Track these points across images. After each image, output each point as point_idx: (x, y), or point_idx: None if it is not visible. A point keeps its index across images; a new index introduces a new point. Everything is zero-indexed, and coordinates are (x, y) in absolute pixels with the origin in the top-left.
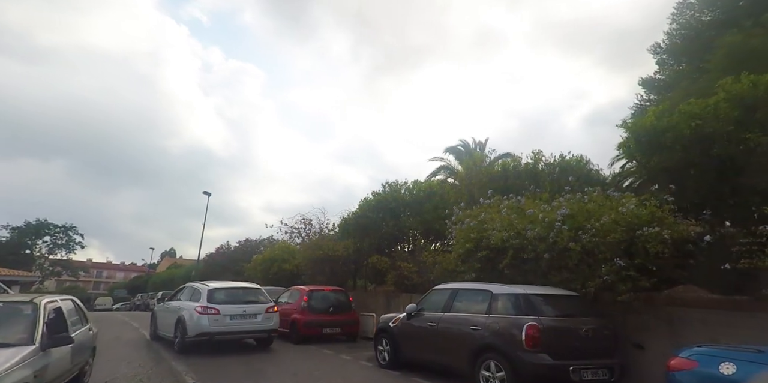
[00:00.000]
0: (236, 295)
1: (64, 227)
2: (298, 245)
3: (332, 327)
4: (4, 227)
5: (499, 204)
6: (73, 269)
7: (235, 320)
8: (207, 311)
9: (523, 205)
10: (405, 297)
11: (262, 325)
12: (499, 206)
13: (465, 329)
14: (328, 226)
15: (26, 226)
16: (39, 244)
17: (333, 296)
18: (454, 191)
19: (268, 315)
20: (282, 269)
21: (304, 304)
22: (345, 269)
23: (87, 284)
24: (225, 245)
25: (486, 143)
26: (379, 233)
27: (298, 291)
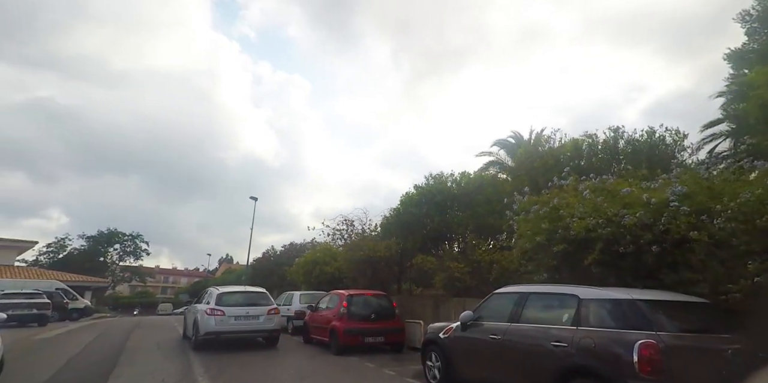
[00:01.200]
0: (241, 298)
1: (131, 235)
2: (340, 247)
3: (375, 336)
4: (80, 236)
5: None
6: (141, 275)
7: (239, 321)
8: (214, 312)
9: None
10: (456, 302)
11: (263, 326)
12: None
13: (543, 344)
14: (370, 227)
15: (99, 235)
16: (110, 252)
17: (375, 301)
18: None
19: (270, 316)
20: (323, 272)
21: (344, 310)
22: (388, 271)
23: (156, 289)
24: (271, 249)
25: (542, 134)
26: (424, 230)
27: (336, 295)
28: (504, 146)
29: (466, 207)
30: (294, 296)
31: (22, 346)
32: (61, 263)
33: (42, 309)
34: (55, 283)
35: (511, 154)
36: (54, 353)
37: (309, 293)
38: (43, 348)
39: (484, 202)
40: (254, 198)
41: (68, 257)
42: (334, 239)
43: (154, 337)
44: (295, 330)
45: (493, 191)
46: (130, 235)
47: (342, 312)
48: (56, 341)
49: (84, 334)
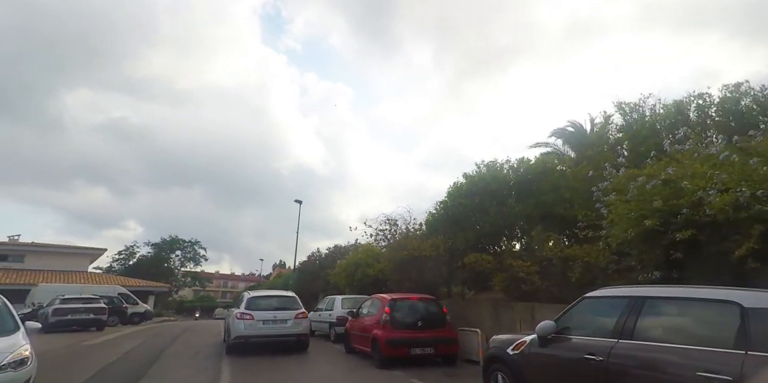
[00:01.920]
0: (270, 302)
1: (190, 242)
2: (383, 248)
3: (423, 347)
4: (146, 244)
5: (696, 152)
6: (200, 280)
7: (267, 325)
8: (243, 316)
9: (761, 143)
10: (521, 307)
11: (291, 330)
12: (707, 154)
13: (683, 374)
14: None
15: (163, 242)
16: (173, 258)
17: (422, 306)
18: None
19: (297, 320)
20: (366, 274)
21: (386, 317)
22: (435, 272)
23: (216, 293)
24: (316, 252)
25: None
26: (477, 225)
27: (378, 300)
28: (562, 135)
29: (528, 196)
30: (336, 300)
31: (66, 353)
32: (131, 269)
33: (98, 314)
34: (117, 288)
35: (569, 143)
36: (91, 361)
37: (351, 297)
38: (84, 355)
39: (550, 189)
40: (299, 201)
41: (137, 264)
42: (377, 240)
43: (197, 342)
44: (338, 337)
45: (560, 176)
46: (190, 242)
47: (384, 319)
48: (101, 347)
49: (132, 340)
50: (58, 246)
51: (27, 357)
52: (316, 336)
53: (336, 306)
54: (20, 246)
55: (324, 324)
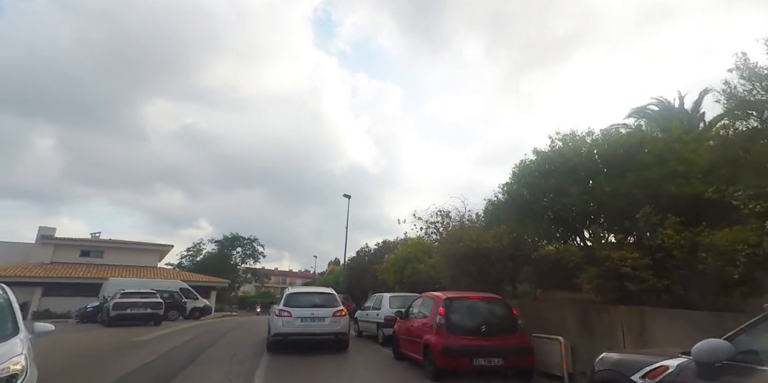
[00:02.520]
0: (308, 299)
1: (249, 239)
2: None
3: (489, 357)
4: (211, 241)
5: None
6: (260, 276)
7: (305, 322)
8: (282, 313)
9: None
10: (624, 312)
11: (328, 328)
12: None
13: None
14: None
15: (224, 239)
16: (233, 255)
17: (486, 307)
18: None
19: (335, 318)
20: (416, 270)
21: (440, 320)
22: (499, 267)
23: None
24: (365, 248)
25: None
26: (551, 209)
27: (430, 299)
28: (644, 115)
29: (623, 172)
30: (383, 299)
31: (108, 350)
32: (198, 265)
33: (155, 309)
34: (179, 283)
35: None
36: (127, 360)
37: (401, 295)
38: (124, 353)
39: (654, 163)
40: (347, 196)
41: (203, 260)
42: (427, 234)
43: (241, 341)
44: (387, 340)
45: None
46: (248, 239)
47: (438, 322)
48: (146, 345)
49: (180, 336)
50: (131, 243)
51: (18, 371)
52: (365, 337)
53: (384, 304)
54: (100, 243)
55: (372, 325)
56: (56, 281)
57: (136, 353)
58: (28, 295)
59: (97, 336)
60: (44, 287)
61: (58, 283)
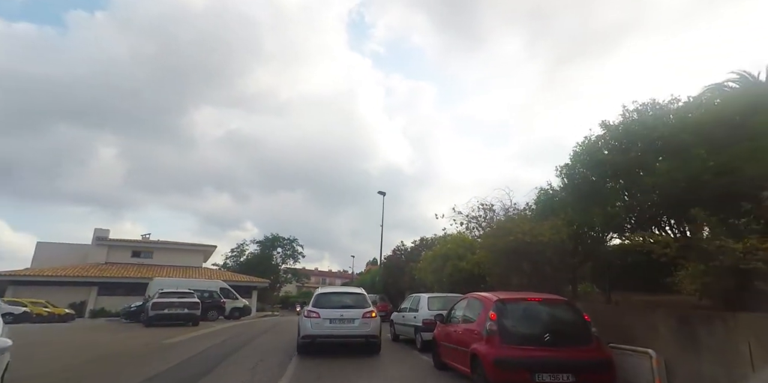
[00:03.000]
0: (337, 300)
1: (288, 239)
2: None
3: (555, 373)
4: (253, 241)
5: None
6: (300, 276)
7: (334, 324)
8: (310, 314)
9: None
10: (753, 322)
11: (358, 330)
12: None
13: None
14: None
15: (265, 240)
16: (275, 255)
17: (548, 311)
18: None
19: (365, 320)
20: (457, 268)
21: (491, 326)
22: (557, 264)
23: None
24: (401, 246)
25: None
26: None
27: (478, 301)
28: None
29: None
30: (421, 300)
31: (135, 353)
32: (242, 266)
33: (192, 309)
34: (219, 283)
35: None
36: (146, 365)
37: (441, 296)
38: (148, 357)
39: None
40: (382, 193)
41: (246, 261)
42: (469, 229)
43: (271, 344)
44: (426, 345)
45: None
46: (288, 239)
47: (489, 328)
48: (173, 348)
49: (212, 338)
50: (177, 243)
51: None
52: (401, 341)
53: (422, 306)
54: (150, 244)
55: (409, 328)
56: (110, 280)
57: (157, 358)
58: (86, 294)
59: (130, 338)
60: (99, 286)
61: (112, 282)
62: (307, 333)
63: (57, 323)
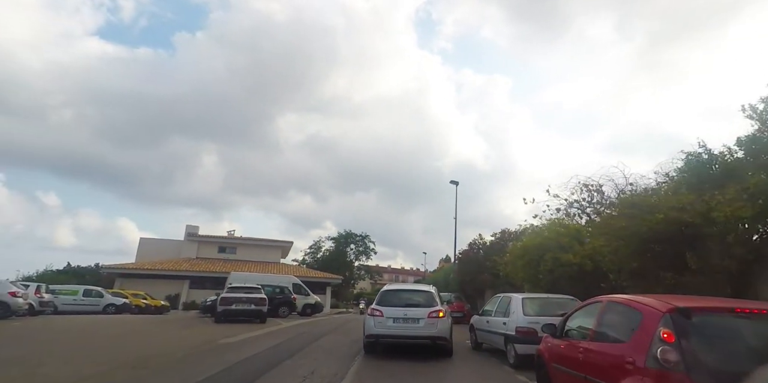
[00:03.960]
0: (401, 297)
1: (361, 236)
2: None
3: None
4: (328, 238)
5: None
6: (372, 273)
7: (397, 323)
8: (373, 313)
9: None
10: None
11: (423, 331)
12: None
13: None
14: (635, 188)
15: (339, 237)
16: (348, 251)
17: None
18: None
19: (431, 320)
20: (560, 262)
21: (667, 353)
22: (743, 255)
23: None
24: (478, 240)
25: None
26: None
27: (630, 308)
28: None
29: None
30: (513, 302)
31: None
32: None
33: (259, 305)
34: (291, 278)
35: None
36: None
37: (540, 297)
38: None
39: None
40: (455, 182)
41: (322, 258)
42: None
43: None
44: (520, 360)
45: None
46: (360, 235)
47: (662, 358)
48: (225, 349)
49: (273, 338)
50: (257, 239)
51: None
52: (485, 351)
53: (514, 310)
54: (235, 239)
55: (495, 337)
56: (199, 274)
57: (199, 363)
58: (179, 287)
59: (192, 335)
60: (191, 280)
61: (201, 276)
62: (370, 332)
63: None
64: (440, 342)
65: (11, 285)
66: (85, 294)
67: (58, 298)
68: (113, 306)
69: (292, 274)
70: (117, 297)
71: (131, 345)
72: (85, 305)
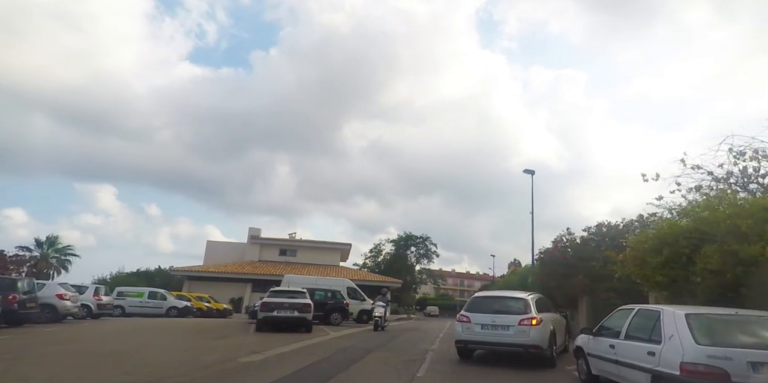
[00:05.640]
0: (490, 304)
1: (421, 238)
2: None
3: None
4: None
5: None
6: (435, 277)
7: (486, 330)
8: (461, 319)
9: None
10: None
11: (514, 339)
12: None
13: None
14: None
15: (399, 239)
16: (409, 254)
17: None
18: None
19: (523, 327)
20: (739, 259)
21: None
22: None
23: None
24: (566, 235)
25: None
26: None
27: None
28: None
29: None
30: (668, 318)
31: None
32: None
33: (303, 312)
34: (346, 282)
35: None
36: None
37: (721, 314)
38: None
39: None
40: (530, 171)
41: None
42: (720, 194)
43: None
44: None
45: None
46: (421, 237)
47: None
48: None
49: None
50: (316, 242)
51: None
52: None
53: (672, 333)
54: (295, 242)
55: (634, 373)
56: (261, 277)
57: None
58: (242, 290)
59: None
60: (253, 283)
61: (263, 279)
62: (459, 337)
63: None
64: (534, 350)
65: (59, 287)
66: (150, 297)
67: (125, 300)
68: (175, 308)
69: (350, 277)
70: (180, 300)
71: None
72: (150, 307)
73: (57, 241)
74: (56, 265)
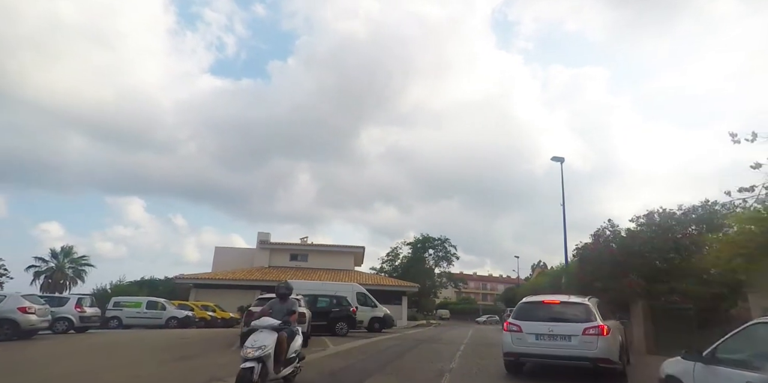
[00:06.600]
0: (544, 310)
1: (440, 239)
2: None
3: None
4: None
5: None
6: (455, 280)
7: (541, 340)
8: (510, 328)
9: None
10: None
11: (578, 351)
12: None
13: None
14: None
15: (416, 241)
16: (427, 257)
17: None
18: None
19: (589, 337)
20: None
21: None
22: None
23: (477, 295)
24: (608, 226)
25: None
26: None
27: None
28: None
29: None
30: None
31: None
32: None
33: (299, 323)
34: (355, 286)
35: None
36: None
37: None
38: None
39: None
40: (558, 159)
41: (400, 265)
42: None
43: None
44: None
45: None
46: (439, 239)
47: None
48: None
49: None
50: (327, 246)
51: None
52: None
53: None
54: (307, 246)
55: None
56: (271, 284)
57: None
58: (251, 298)
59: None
60: (262, 289)
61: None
62: (509, 350)
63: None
64: (603, 364)
65: (23, 300)
66: (148, 307)
67: (122, 311)
68: (175, 319)
69: (364, 282)
70: (181, 310)
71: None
72: (148, 318)
73: (72, 251)
74: (72, 275)
